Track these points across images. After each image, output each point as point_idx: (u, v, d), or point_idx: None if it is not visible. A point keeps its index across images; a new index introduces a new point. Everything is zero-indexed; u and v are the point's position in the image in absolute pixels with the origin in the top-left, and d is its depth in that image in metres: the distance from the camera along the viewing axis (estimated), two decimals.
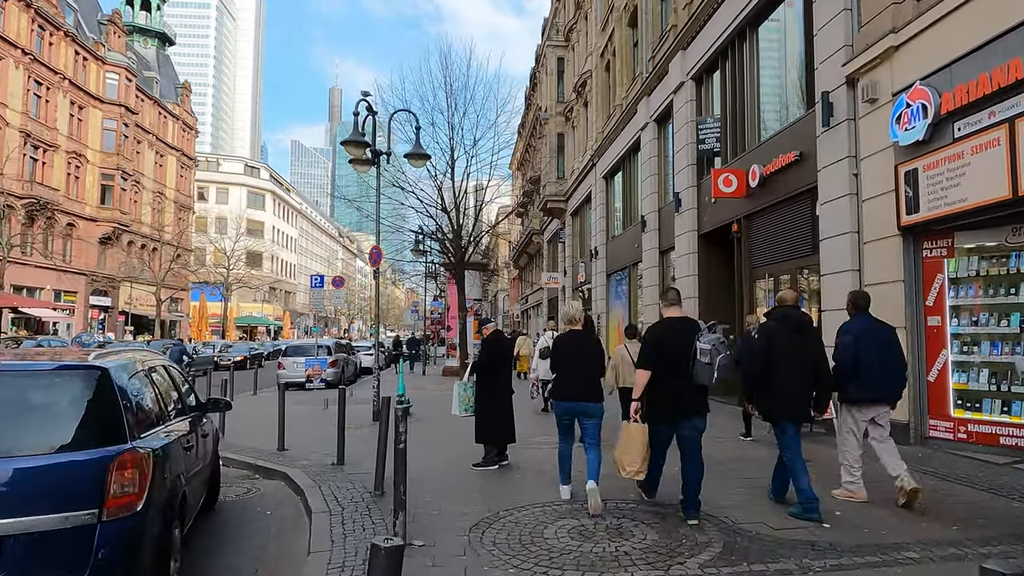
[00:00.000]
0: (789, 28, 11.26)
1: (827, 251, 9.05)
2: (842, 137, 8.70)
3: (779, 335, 5.14)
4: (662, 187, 17.32)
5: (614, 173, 22.52)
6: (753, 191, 11.54)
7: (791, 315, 5.27)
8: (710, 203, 13.59)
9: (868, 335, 5.27)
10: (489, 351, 7.17)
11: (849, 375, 5.20)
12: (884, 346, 5.26)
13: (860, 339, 5.22)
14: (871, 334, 5.28)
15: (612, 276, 22.61)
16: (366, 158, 11.57)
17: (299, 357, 18.96)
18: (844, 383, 5.28)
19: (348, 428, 10.65)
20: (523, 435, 9.09)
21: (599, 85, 24.12)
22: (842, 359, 5.26)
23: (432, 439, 9.54)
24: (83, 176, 39.79)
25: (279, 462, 7.92)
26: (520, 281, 51.91)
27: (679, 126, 15.15)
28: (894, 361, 5.29)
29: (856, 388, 5.22)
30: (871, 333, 5.29)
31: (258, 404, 15.19)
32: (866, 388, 5.19)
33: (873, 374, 5.14)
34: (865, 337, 5.24)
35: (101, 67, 41.23)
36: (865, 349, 5.16)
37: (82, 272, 39.00)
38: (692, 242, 14.34)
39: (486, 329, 7.34)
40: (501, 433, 7.11)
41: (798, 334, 5.14)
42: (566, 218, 30.58)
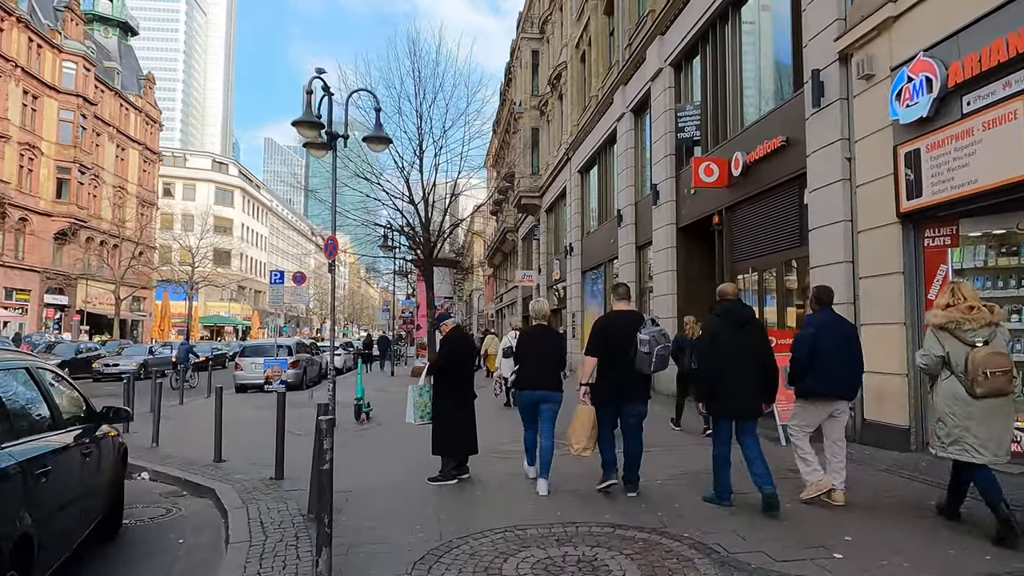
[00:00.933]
0: (775, 5, 10.60)
1: (817, 242, 8.39)
2: (834, 118, 8.04)
3: (723, 331, 5.14)
4: (639, 180, 16.64)
5: (589, 167, 21.82)
6: (736, 180, 10.87)
7: (734, 309, 5.24)
8: (690, 194, 12.92)
9: (829, 329, 5.18)
10: (448, 350, 6.35)
11: (805, 368, 5.11)
12: (844, 342, 5.17)
13: (820, 333, 5.13)
14: (832, 329, 5.20)
15: (587, 273, 21.91)
16: (321, 142, 10.66)
17: (258, 358, 17.92)
18: (800, 377, 5.17)
19: (299, 435, 9.80)
20: (488, 441, 8.27)
21: (574, 77, 23.41)
22: (799, 352, 5.17)
23: (389, 446, 8.69)
24: (37, 169, 37.99)
25: (212, 476, 7.01)
26: (495, 280, 51.09)
27: (657, 115, 14.47)
28: (853, 357, 5.21)
29: (811, 382, 5.12)
30: (832, 328, 5.21)
31: (210, 409, 14.14)
32: (821, 382, 5.09)
33: (830, 369, 5.04)
34: (825, 331, 5.15)
35: (57, 55, 39.44)
36: (823, 343, 5.07)
37: (35, 269, 37.24)
38: (670, 236, 13.66)
39: (444, 326, 6.51)
40: (461, 443, 6.29)
41: (742, 329, 5.14)
42: (540, 214, 29.83)
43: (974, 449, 4.35)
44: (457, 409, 6.29)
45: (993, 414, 4.35)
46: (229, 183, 70.58)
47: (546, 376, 6.03)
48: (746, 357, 5.06)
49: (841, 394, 5.23)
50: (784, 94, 10.03)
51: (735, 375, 5.03)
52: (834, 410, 5.24)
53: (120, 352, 26.56)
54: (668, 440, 8.52)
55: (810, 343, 5.08)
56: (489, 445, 8.19)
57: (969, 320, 4.42)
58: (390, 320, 42.51)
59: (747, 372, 5.05)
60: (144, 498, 6.48)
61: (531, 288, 31.13)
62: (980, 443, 4.34)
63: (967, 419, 4.36)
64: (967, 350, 4.38)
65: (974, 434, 4.35)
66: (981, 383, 4.30)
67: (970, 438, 4.35)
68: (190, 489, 6.81)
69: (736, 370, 5.03)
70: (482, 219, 56.19)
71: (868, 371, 7.09)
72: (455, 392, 6.33)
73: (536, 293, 30.08)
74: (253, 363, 17.77)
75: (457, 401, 6.32)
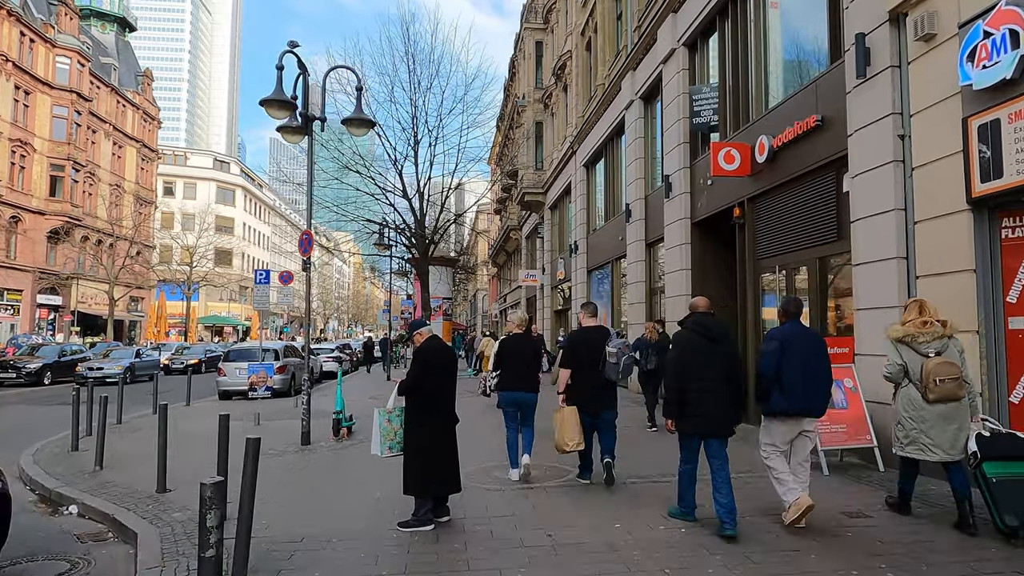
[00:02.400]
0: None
1: (862, 235, 7.20)
2: (883, 90, 6.85)
3: (693, 345, 5.01)
4: (649, 172, 15.46)
5: (595, 160, 20.64)
6: (760, 168, 9.69)
7: (706, 322, 5.08)
8: (706, 186, 11.74)
9: (796, 343, 4.94)
10: (422, 365, 5.19)
11: (771, 385, 4.90)
12: (812, 356, 4.95)
13: (787, 347, 4.91)
14: (799, 343, 4.96)
15: (593, 273, 20.74)
16: (296, 125, 9.54)
17: (242, 362, 16.77)
18: (766, 394, 4.93)
19: (268, 454, 8.68)
20: (476, 465, 7.21)
21: (580, 66, 22.23)
22: (765, 367, 4.93)
23: (366, 469, 7.51)
24: (29, 166, 37.09)
25: (145, 513, 5.87)
26: (498, 280, 49.96)
27: (669, 100, 13.28)
28: (822, 373, 4.98)
29: (777, 399, 4.91)
30: (799, 341, 4.97)
31: (185, 418, 13.06)
32: (787, 399, 4.88)
33: (797, 385, 4.84)
34: (792, 345, 4.92)
35: (50, 50, 38.56)
36: (790, 358, 4.86)
37: (27, 269, 36.32)
38: (684, 231, 12.48)
39: (418, 335, 5.35)
40: (439, 480, 5.14)
41: (713, 343, 4.98)
42: (544, 212, 28.67)
43: (928, 448, 4.90)
44: (435, 438, 5.14)
45: (945, 418, 4.84)
46: (231, 182, 69.66)
47: (524, 378, 6.72)
48: (717, 373, 4.89)
49: (809, 411, 4.97)
50: (818, 68, 8.83)
51: (705, 392, 4.87)
52: (803, 428, 5.01)
53: (107, 355, 25.51)
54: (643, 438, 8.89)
55: (776, 358, 4.88)
56: (477, 471, 7.08)
57: (923, 334, 4.91)
58: (390, 321, 41.44)
59: (717, 389, 4.89)
60: (56, 544, 5.36)
61: (535, 288, 29.99)
62: (933, 444, 4.86)
63: (921, 422, 4.90)
64: (922, 360, 4.88)
65: (928, 436, 4.88)
66: (932, 389, 4.79)
67: (924, 439, 4.90)
68: (116, 530, 5.69)
69: (706, 387, 4.87)
70: (486, 218, 55.07)
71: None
72: (431, 416, 5.17)
73: (540, 293, 28.92)
74: (237, 368, 16.63)
75: (434, 428, 5.17)
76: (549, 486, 6.48)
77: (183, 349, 33.24)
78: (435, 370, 5.22)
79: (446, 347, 5.51)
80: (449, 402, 5.30)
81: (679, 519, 5.15)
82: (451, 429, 5.27)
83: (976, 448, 4.76)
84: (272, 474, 7.42)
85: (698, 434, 4.97)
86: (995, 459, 4.68)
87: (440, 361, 5.29)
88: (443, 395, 5.26)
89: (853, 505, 5.61)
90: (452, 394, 5.37)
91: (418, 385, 5.09)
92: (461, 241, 49.59)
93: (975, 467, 4.76)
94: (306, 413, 9.20)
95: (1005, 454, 4.68)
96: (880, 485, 6.20)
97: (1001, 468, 4.65)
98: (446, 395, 5.29)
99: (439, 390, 5.22)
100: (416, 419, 5.14)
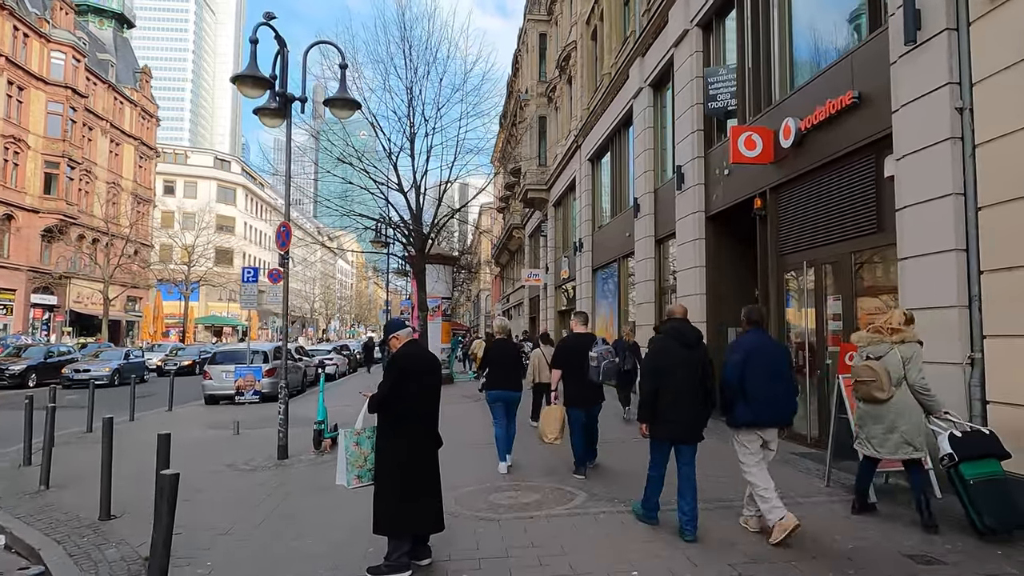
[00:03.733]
0: None
1: (910, 225, 6.30)
2: (938, 56, 5.95)
3: (668, 352, 4.98)
4: (659, 164, 14.56)
5: (601, 154, 19.73)
6: (785, 153, 8.78)
7: (682, 329, 5.06)
8: (723, 176, 10.83)
9: (760, 353, 4.87)
10: (399, 373, 4.29)
11: (735, 396, 4.85)
12: (776, 366, 4.89)
13: (750, 357, 4.84)
14: (762, 353, 4.88)
15: (599, 271, 19.83)
16: (274, 107, 8.68)
17: (229, 365, 15.92)
18: (731, 405, 4.89)
19: (239, 470, 7.82)
20: (468, 487, 6.32)
21: (585, 56, 21.33)
22: (728, 377, 4.88)
23: (343, 490, 6.62)
24: (23, 163, 36.37)
25: (78, 546, 5.00)
26: (501, 280, 49.06)
27: (681, 85, 12.38)
28: (785, 381, 4.94)
29: (741, 411, 4.84)
30: (763, 352, 4.89)
31: (162, 426, 12.18)
32: (752, 411, 4.81)
33: (759, 396, 4.77)
34: (756, 355, 4.85)
35: (45, 45, 37.83)
36: (754, 369, 4.79)
37: (20, 267, 35.58)
38: (698, 226, 11.57)
39: (395, 339, 4.45)
40: (418, 516, 4.24)
41: (688, 350, 4.96)
42: (548, 209, 27.77)
43: (866, 443, 5.19)
44: (413, 465, 4.25)
45: (872, 417, 5.12)
46: (231, 181, 68.96)
47: (508, 378, 7.50)
48: (690, 380, 4.88)
49: (774, 423, 4.94)
50: (854, 39, 7.92)
51: (678, 399, 4.86)
52: (767, 438, 4.96)
53: (97, 356, 24.70)
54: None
55: (740, 369, 4.82)
56: (469, 492, 6.19)
57: (868, 339, 5.20)
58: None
59: (690, 396, 4.88)
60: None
61: (538, 288, 29.10)
62: (868, 439, 5.17)
63: (860, 419, 5.29)
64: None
65: (865, 432, 5.21)
66: (855, 388, 5.24)
67: (863, 434, 5.24)
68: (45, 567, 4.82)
69: (679, 393, 4.86)
70: (489, 217, 54.14)
71: (1004, 403, 5.04)
72: (409, 439, 4.28)
73: (543, 293, 28.04)
74: (224, 371, 15.79)
75: (413, 452, 4.27)
76: (552, 514, 5.59)
77: (177, 350, 32.47)
78: (414, 381, 4.32)
79: (428, 354, 4.61)
80: (431, 421, 4.41)
81: (641, 519, 5.24)
82: (433, 454, 4.38)
83: (951, 449, 4.80)
84: (237, 495, 6.56)
85: (671, 440, 4.98)
86: (972, 459, 4.74)
87: (420, 370, 4.39)
88: (423, 413, 4.37)
89: (913, 543, 4.71)
90: (434, 411, 4.46)
91: (393, 400, 4.19)
92: (464, 240, 48.76)
93: (950, 467, 4.81)
94: (283, 424, 8.33)
95: (980, 453, 4.75)
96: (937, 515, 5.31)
97: (977, 469, 4.72)
98: (427, 412, 4.39)
99: (419, 406, 4.32)
100: (390, 442, 4.24)
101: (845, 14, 8.34)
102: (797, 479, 6.68)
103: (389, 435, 4.25)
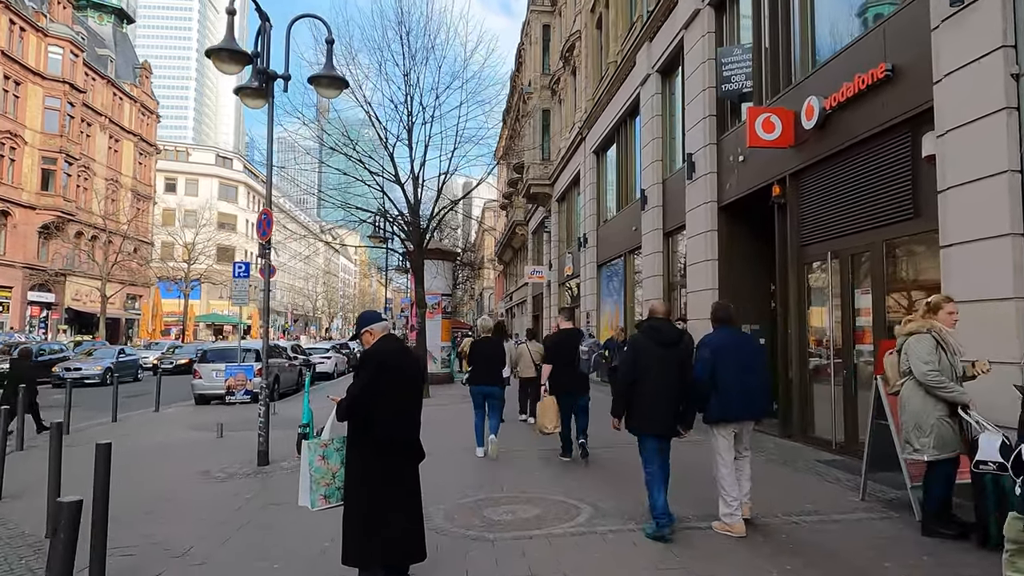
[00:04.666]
0: None
1: (954, 208, 5.62)
2: (989, 17, 5.28)
3: (647, 350, 4.91)
4: (667, 153, 13.89)
5: (606, 146, 19.06)
6: (808, 135, 8.10)
7: (661, 328, 5.00)
8: (737, 163, 10.16)
9: (727, 349, 4.89)
10: (374, 372, 3.64)
11: (708, 392, 4.85)
12: (745, 361, 4.90)
13: (718, 353, 4.86)
14: (731, 349, 4.91)
15: (604, 267, 19.17)
16: (255, 86, 8.05)
17: (219, 364, 15.31)
18: (703, 401, 4.90)
19: (214, 479, 7.20)
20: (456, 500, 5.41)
21: (590, 45, 20.66)
22: (699, 375, 4.88)
23: None
24: (20, 159, 35.86)
25: (10, 571, 4.39)
26: (504, 278, 48.44)
27: (692, 69, 11.70)
28: (758, 374, 4.99)
29: (716, 407, 4.85)
30: (731, 348, 4.91)
31: (143, 429, 11.62)
32: (723, 407, 4.83)
33: (731, 391, 4.79)
34: (724, 352, 4.86)
35: (42, 39, 37.31)
36: (724, 365, 4.81)
37: (17, 264, 35.08)
38: (710, 217, 10.89)
39: (368, 334, 3.78)
40: (393, 544, 3.59)
41: (666, 349, 4.88)
42: (551, 205, 27.11)
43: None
44: (388, 483, 3.60)
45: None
46: (233, 178, 68.48)
47: (491, 374, 7.99)
48: (669, 379, 4.83)
49: (746, 416, 4.98)
50: (886, 6, 7.24)
51: (657, 397, 4.82)
52: (739, 433, 5.01)
53: (91, 354, 24.13)
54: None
55: (710, 365, 4.85)
56: (460, 507, 5.53)
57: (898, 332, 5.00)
58: (391, 320, 40.08)
59: (669, 394, 4.84)
60: None
61: (541, 285, 28.44)
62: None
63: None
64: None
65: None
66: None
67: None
68: None
69: (657, 392, 4.82)
70: (492, 215, 53.45)
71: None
72: (384, 451, 3.62)
73: (547, 291, 27.38)
74: (214, 370, 15.18)
75: (388, 468, 3.62)
76: (554, 533, 4.94)
77: (175, 348, 31.91)
78: (390, 383, 3.67)
79: (406, 350, 3.97)
80: (409, 430, 3.75)
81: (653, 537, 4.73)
82: (412, 470, 3.73)
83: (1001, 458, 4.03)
84: (205, 508, 5.93)
85: (652, 435, 4.88)
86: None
87: (398, 369, 3.74)
88: (401, 420, 3.71)
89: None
90: (414, 418, 3.81)
91: (364, 404, 3.54)
92: (467, 237, 48.15)
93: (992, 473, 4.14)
94: (263, 427, 7.73)
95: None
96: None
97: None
98: (406, 420, 3.74)
99: (395, 413, 3.67)
100: (361, 456, 3.60)
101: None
102: (826, 492, 6.02)
103: (360, 447, 3.60)
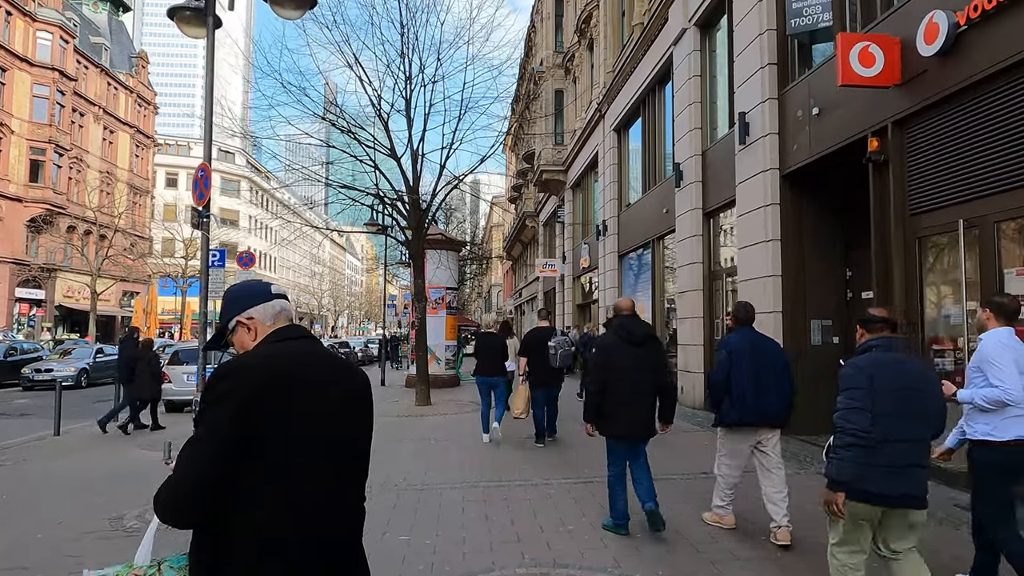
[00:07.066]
0: None
1: None
2: None
3: (617, 349, 4.83)
4: (707, 120, 11.87)
5: (629, 122, 17.04)
6: (922, 68, 6.10)
7: (628, 326, 4.87)
8: (809, 118, 8.15)
9: (745, 352, 4.66)
10: (234, 411, 1.63)
11: (721, 395, 4.68)
12: (764, 364, 4.62)
13: (735, 356, 4.66)
14: (749, 351, 4.67)
15: (626, 257, 17.16)
16: (194, 6, 6.12)
17: (191, 366, 13.44)
18: (717, 404, 4.77)
19: (122, 531, 5.29)
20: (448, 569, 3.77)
21: (610, 11, 18.62)
22: (714, 378, 4.78)
23: None
24: (7, 149, 34.19)
25: None
26: (513, 273, 46.47)
27: (741, 15, 9.68)
28: (777, 381, 4.64)
29: (727, 409, 4.67)
30: (749, 350, 4.67)
31: (90, 443, 9.72)
32: (737, 410, 4.62)
33: (745, 395, 4.58)
34: (741, 354, 4.66)
35: (30, 24, 35.61)
36: (739, 367, 4.61)
37: (3, 260, 33.42)
38: (769, 188, 8.88)
39: (245, 326, 1.81)
40: None
41: (637, 347, 4.80)
42: (565, 193, 25.11)
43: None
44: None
45: None
46: (235, 173, 66.91)
47: (495, 366, 8.88)
48: (641, 378, 4.71)
49: (762, 422, 4.66)
50: None
51: (628, 396, 4.68)
52: (759, 439, 4.71)
53: (69, 353, 22.32)
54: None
55: (725, 367, 4.67)
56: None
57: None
58: (395, 317, 38.25)
59: (641, 394, 4.71)
60: None
61: (554, 280, 26.44)
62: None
63: None
64: None
65: None
66: None
67: None
68: None
69: (628, 391, 4.68)
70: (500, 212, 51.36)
71: None
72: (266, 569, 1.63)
73: (560, 285, 25.38)
74: (185, 373, 13.30)
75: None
76: None
77: (165, 347, 30.13)
78: (282, 431, 1.63)
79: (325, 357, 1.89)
80: (330, 533, 1.73)
81: (611, 531, 4.78)
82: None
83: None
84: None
85: (622, 437, 4.77)
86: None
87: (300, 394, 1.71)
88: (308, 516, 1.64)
89: None
90: (346, 501, 1.79)
91: (205, 490, 1.57)
92: (474, 229, 46.21)
93: None
94: None
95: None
96: None
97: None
98: (319, 515, 1.67)
99: (298, 499, 1.63)
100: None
101: None
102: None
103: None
